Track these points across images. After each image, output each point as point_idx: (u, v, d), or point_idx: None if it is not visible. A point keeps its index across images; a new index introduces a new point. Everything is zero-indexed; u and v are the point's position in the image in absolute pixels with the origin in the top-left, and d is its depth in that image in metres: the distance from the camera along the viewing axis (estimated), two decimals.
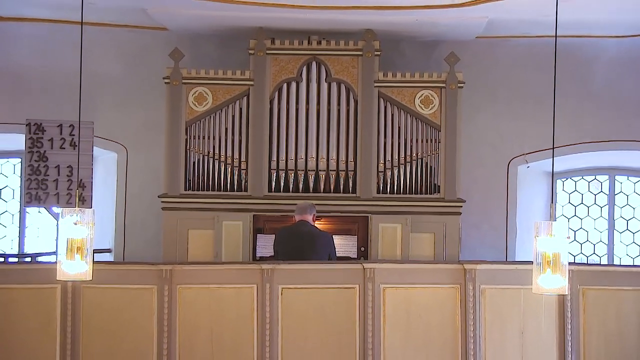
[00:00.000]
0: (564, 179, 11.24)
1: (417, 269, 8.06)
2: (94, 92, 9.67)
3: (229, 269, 8.07)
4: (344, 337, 7.65)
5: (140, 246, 10.47)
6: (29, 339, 7.60)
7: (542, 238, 6.15)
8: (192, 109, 9.74)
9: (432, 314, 7.70)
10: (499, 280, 7.76)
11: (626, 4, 8.45)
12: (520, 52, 10.45)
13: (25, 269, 8.32)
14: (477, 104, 10.39)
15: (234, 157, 9.70)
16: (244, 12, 9.01)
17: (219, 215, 9.66)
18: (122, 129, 10.58)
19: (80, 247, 6.20)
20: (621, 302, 7.80)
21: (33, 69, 10.46)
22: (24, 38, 10.38)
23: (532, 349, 7.72)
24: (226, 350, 7.62)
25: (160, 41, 10.22)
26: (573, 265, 7.42)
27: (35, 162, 9.61)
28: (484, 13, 8.94)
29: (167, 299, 7.62)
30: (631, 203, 11.23)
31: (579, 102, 10.42)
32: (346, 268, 7.88)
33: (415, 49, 10.47)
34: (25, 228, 11.23)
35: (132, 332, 7.63)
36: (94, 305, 7.64)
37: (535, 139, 10.28)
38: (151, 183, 10.27)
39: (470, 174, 10.21)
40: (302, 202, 8.62)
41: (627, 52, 10.41)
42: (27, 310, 7.63)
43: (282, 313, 7.63)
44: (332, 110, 9.75)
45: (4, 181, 11.28)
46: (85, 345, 7.61)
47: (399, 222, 9.62)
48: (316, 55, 9.74)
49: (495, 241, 10.56)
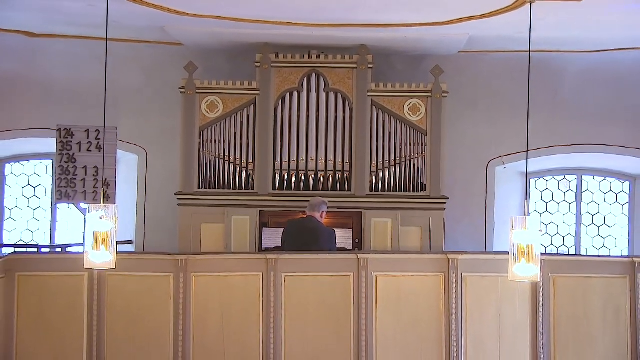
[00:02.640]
0: (537, 178, 11.24)
1: (405, 258, 8.04)
2: (117, 100, 9.65)
3: (237, 258, 8.05)
4: (340, 319, 7.63)
5: (159, 238, 10.45)
6: (59, 320, 7.58)
7: (517, 231, 6.14)
8: (204, 115, 9.72)
9: (419, 299, 7.69)
10: (478, 269, 7.74)
11: (590, 24, 8.45)
12: (498, 65, 10.44)
13: (56, 259, 8.33)
14: (459, 112, 10.38)
15: (242, 158, 9.69)
16: (251, 30, 9.00)
17: (228, 210, 9.65)
18: (142, 134, 10.57)
19: (105, 239, 6.20)
20: (587, 288, 7.78)
21: (63, 80, 10.45)
22: (55, 53, 10.37)
23: (508, 330, 7.70)
24: (235, 331, 7.61)
25: (176, 55, 10.20)
26: (545, 256, 7.41)
27: (65, 163, 9.60)
28: (465, 30, 8.93)
29: (182, 286, 7.60)
30: (596, 200, 11.24)
31: (550, 110, 10.41)
32: (342, 258, 7.86)
33: (404, 62, 10.46)
34: (56, 222, 11.23)
35: (151, 314, 7.62)
36: (117, 290, 7.62)
37: (511, 142, 10.27)
38: (168, 182, 10.25)
39: (453, 174, 10.21)
40: (315, 199, 8.48)
41: (592, 65, 10.40)
42: (58, 294, 7.61)
43: (285, 298, 7.62)
44: (330, 117, 9.74)
45: (38, 180, 11.28)
46: (109, 326, 7.60)
47: (390, 217, 9.61)
48: (315, 67, 9.73)
49: (475, 234, 10.55)
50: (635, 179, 11.20)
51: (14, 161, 11.25)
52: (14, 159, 11.23)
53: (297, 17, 8.51)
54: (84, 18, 8.65)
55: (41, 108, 10.43)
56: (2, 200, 11.21)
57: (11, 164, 11.27)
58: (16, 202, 11.25)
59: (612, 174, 11.21)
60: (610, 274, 7.82)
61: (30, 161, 11.27)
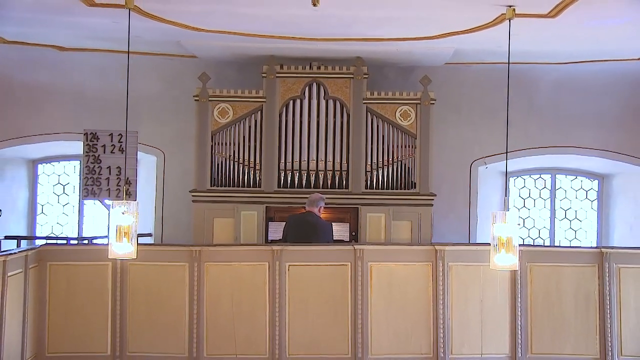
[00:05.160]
0: (515, 177, 11.22)
1: (397, 249, 8.04)
2: (138, 107, 9.63)
3: (246, 249, 8.04)
4: (339, 304, 7.63)
5: (175, 231, 10.45)
6: (86, 304, 7.59)
7: (498, 225, 6.14)
8: (216, 121, 9.71)
9: (409, 286, 7.68)
10: (463, 258, 7.74)
11: (562, 39, 8.44)
12: (480, 75, 10.42)
13: (83, 249, 8.33)
14: (445, 117, 10.36)
15: (250, 159, 9.68)
16: (258, 44, 8.99)
17: (238, 206, 9.64)
18: (160, 137, 10.55)
19: (127, 232, 6.20)
20: (560, 275, 7.78)
21: (90, 90, 10.44)
22: (83, 64, 10.35)
23: (490, 314, 7.70)
24: (244, 315, 7.61)
25: (191, 67, 10.18)
26: (522, 247, 7.39)
27: (91, 164, 9.58)
28: (451, 44, 8.91)
29: (196, 274, 7.60)
30: (568, 197, 11.23)
31: (526, 115, 10.40)
32: (340, 249, 7.86)
33: (396, 73, 10.45)
34: (83, 217, 11.23)
35: (169, 300, 7.62)
36: (138, 278, 7.62)
37: (492, 145, 10.26)
38: (184, 181, 10.24)
39: (440, 173, 10.19)
40: (314, 195, 8.48)
41: (564, 76, 10.38)
42: (85, 282, 7.61)
43: (289, 285, 7.61)
44: (329, 122, 9.72)
45: (67, 179, 11.28)
46: (130, 309, 7.60)
47: (383, 212, 9.60)
48: (316, 77, 9.71)
49: (460, 227, 10.53)
50: (603, 177, 11.19)
51: (46, 162, 11.25)
52: (45, 160, 11.23)
53: (300, 33, 8.50)
54: (108, 33, 8.64)
55: (70, 114, 10.42)
56: (35, 197, 11.21)
57: (43, 165, 11.27)
58: (47, 199, 11.25)
59: (582, 173, 11.20)
60: (581, 263, 7.82)
61: (60, 162, 11.27)
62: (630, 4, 6.65)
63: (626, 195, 10.88)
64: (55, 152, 11.01)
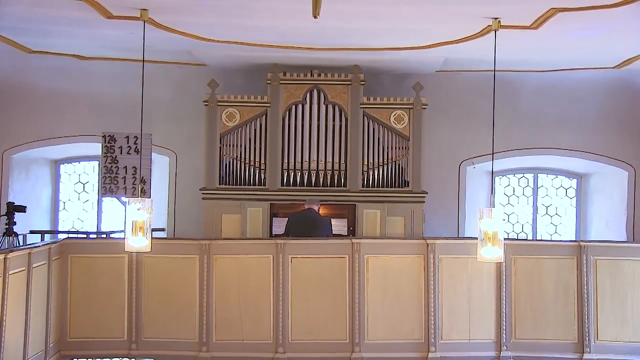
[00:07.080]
0: (500, 176, 11.20)
1: (391, 243, 8.05)
2: (152, 111, 9.61)
3: (251, 243, 8.05)
4: (337, 293, 7.64)
5: (186, 226, 10.42)
6: (104, 294, 7.61)
7: (485, 220, 6.14)
8: (224, 124, 9.70)
9: (403, 276, 7.70)
10: (452, 251, 7.75)
11: (544, 48, 8.44)
12: (468, 82, 10.39)
13: (102, 243, 8.34)
14: (436, 121, 10.35)
15: (255, 160, 9.66)
16: (263, 53, 8.98)
17: (244, 203, 9.62)
18: (172, 139, 10.53)
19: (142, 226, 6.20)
20: (542, 267, 7.80)
21: (108, 95, 10.42)
22: (101, 72, 10.33)
23: (477, 303, 7.71)
24: (250, 304, 7.62)
25: (201, 74, 10.15)
26: (507, 240, 7.40)
27: (109, 164, 9.58)
28: (441, 54, 8.91)
29: (206, 266, 7.61)
30: (549, 194, 11.21)
31: (511, 119, 10.36)
32: (339, 242, 7.87)
33: (391, 80, 10.42)
34: (102, 213, 11.21)
35: (180, 290, 7.63)
36: (152, 270, 7.63)
37: (479, 146, 10.24)
38: (194, 179, 10.22)
39: (431, 172, 10.17)
40: (311, 198, 8.70)
41: (546, 82, 10.37)
42: (103, 273, 7.63)
43: (291, 276, 7.63)
44: (329, 125, 9.71)
45: (87, 178, 11.26)
46: (145, 299, 7.61)
47: (379, 208, 9.59)
48: (317, 84, 9.70)
49: (449, 222, 10.52)
50: (581, 176, 11.18)
51: (67, 162, 11.24)
52: (67, 161, 11.22)
53: (302, 42, 8.50)
54: (124, 43, 8.63)
55: (89, 118, 10.40)
56: (58, 194, 11.20)
57: (65, 165, 11.26)
58: (69, 196, 11.24)
59: (562, 173, 11.19)
60: (561, 256, 7.84)
61: (81, 162, 11.25)
62: (606, 18, 6.65)
63: (603, 193, 10.88)
64: (76, 153, 11.00)
